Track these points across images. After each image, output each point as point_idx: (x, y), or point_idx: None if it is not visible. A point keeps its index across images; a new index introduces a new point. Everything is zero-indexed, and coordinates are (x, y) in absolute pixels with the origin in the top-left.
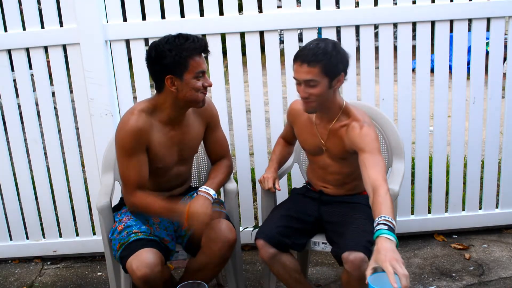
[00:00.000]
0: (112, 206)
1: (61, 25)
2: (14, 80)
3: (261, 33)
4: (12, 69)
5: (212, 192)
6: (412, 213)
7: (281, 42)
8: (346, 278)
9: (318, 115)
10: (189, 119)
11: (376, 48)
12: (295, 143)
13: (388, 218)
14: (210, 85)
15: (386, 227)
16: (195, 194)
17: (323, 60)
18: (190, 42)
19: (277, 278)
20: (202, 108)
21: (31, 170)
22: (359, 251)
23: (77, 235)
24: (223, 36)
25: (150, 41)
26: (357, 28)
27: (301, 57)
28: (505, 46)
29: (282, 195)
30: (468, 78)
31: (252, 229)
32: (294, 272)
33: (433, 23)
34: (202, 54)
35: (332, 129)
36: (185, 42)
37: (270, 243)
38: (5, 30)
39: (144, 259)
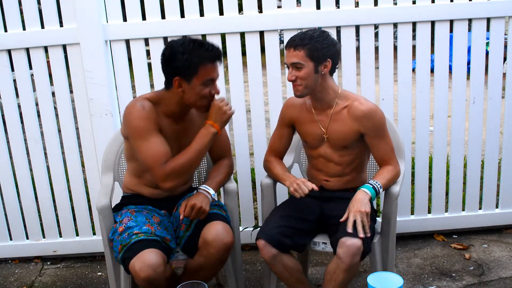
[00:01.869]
0: (113, 206)
1: (61, 25)
2: (14, 80)
3: (261, 33)
4: (12, 69)
5: (211, 191)
6: (412, 213)
7: (281, 42)
8: (333, 267)
9: (315, 104)
10: (193, 116)
11: (376, 48)
12: (284, 156)
13: (376, 181)
14: (218, 93)
15: (369, 185)
16: (195, 192)
17: (308, 45)
18: (204, 49)
19: (278, 278)
20: None
21: (31, 170)
22: (358, 238)
23: (77, 235)
24: (223, 36)
25: (150, 41)
26: (357, 28)
27: (289, 42)
28: (505, 46)
29: (282, 196)
30: (468, 78)
31: (252, 229)
32: (295, 272)
33: (433, 23)
34: (216, 62)
35: (334, 113)
36: (199, 48)
37: (271, 243)
38: (5, 30)
39: (147, 260)
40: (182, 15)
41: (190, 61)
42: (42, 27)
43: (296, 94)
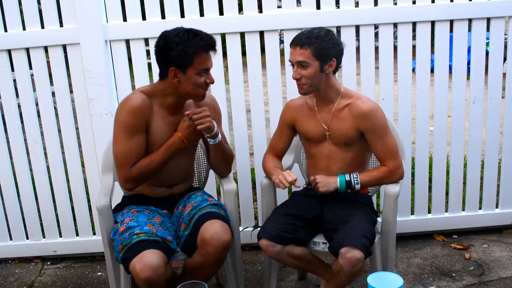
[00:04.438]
0: (113, 206)
1: (61, 25)
2: (14, 80)
3: (261, 33)
4: (12, 69)
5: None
6: (412, 213)
7: (281, 42)
8: (337, 268)
9: (318, 101)
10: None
11: (376, 48)
12: (283, 155)
13: (356, 176)
14: (212, 82)
15: (344, 180)
16: (197, 192)
17: (315, 44)
18: (199, 38)
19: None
20: (206, 103)
21: (31, 170)
22: (357, 248)
23: (77, 235)
24: (223, 36)
25: (150, 41)
26: (357, 28)
27: (295, 40)
28: (505, 46)
29: (282, 195)
30: (468, 78)
31: (252, 229)
32: (305, 256)
33: (433, 23)
34: (210, 52)
35: (336, 110)
36: (194, 38)
37: (273, 241)
38: (5, 30)
39: (148, 261)
40: (182, 15)
41: (186, 51)
42: (42, 27)
43: (300, 92)
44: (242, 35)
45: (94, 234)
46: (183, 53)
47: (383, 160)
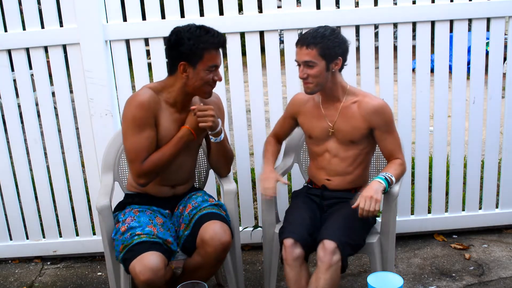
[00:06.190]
0: (115, 204)
1: (61, 25)
2: (14, 80)
3: (261, 33)
4: (12, 69)
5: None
6: (412, 213)
7: (281, 42)
8: (315, 272)
9: (323, 98)
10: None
11: (376, 48)
12: (284, 140)
13: (388, 173)
14: (220, 80)
15: (382, 177)
16: (198, 193)
17: (321, 43)
18: (210, 35)
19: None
20: (211, 101)
21: (31, 170)
22: (333, 240)
23: (77, 235)
24: None
25: (150, 41)
26: (357, 28)
27: (301, 40)
28: (505, 46)
29: (282, 196)
30: (468, 78)
31: (252, 229)
32: (305, 282)
33: (433, 23)
34: (219, 49)
35: (343, 108)
36: (205, 34)
37: (300, 242)
38: (5, 30)
39: (148, 263)
40: (182, 15)
41: (197, 46)
42: (42, 27)
43: (306, 91)
44: (242, 35)
45: (94, 234)
46: (194, 48)
47: (393, 154)
